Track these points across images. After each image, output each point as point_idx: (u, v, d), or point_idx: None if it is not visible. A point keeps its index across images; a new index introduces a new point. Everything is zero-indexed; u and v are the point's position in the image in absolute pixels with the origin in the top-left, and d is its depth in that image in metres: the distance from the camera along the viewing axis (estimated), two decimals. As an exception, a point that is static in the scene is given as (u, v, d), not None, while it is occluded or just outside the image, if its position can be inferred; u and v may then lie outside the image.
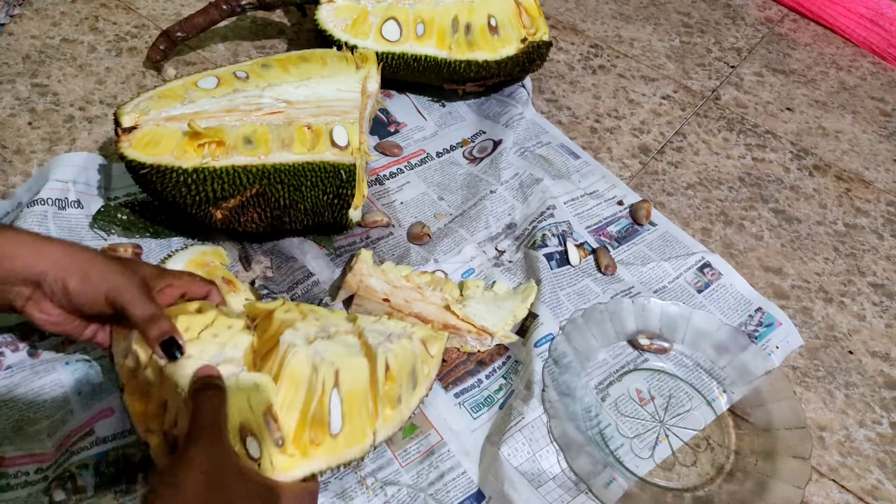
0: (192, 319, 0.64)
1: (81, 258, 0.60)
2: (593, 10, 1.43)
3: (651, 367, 0.84)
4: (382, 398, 0.67)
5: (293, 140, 0.81)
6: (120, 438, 0.69)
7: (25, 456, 0.66)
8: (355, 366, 0.65)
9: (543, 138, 1.10)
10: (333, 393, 0.63)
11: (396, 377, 0.68)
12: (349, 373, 0.64)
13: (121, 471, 0.67)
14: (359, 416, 0.65)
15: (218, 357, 0.62)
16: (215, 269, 0.81)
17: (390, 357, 0.67)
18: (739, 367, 0.82)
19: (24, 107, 1.02)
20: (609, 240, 0.97)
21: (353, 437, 0.64)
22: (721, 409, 0.81)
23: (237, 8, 1.07)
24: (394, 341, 0.69)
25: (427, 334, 0.74)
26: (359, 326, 0.70)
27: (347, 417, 0.64)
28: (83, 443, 0.67)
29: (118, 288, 0.59)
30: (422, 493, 0.70)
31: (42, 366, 0.73)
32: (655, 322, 0.85)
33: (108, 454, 0.67)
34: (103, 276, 0.60)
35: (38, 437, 0.68)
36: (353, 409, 0.64)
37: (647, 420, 0.79)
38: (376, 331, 0.70)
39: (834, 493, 0.76)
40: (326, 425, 0.62)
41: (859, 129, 1.25)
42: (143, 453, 0.68)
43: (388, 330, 0.71)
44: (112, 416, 0.69)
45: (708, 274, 0.94)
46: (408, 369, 0.70)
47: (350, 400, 0.64)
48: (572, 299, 0.88)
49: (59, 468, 0.66)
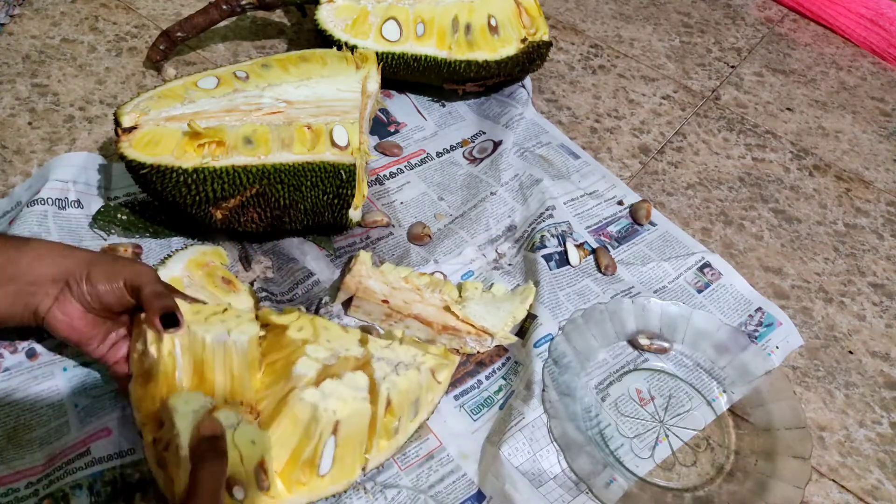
0: (201, 307, 0.67)
1: (103, 258, 0.66)
2: (593, 10, 1.43)
3: (651, 367, 0.84)
4: (379, 432, 0.67)
5: (293, 140, 0.81)
6: (116, 459, 0.67)
7: (14, 474, 0.65)
8: (357, 413, 0.65)
9: (543, 138, 1.10)
10: (329, 440, 0.63)
11: (397, 411, 0.68)
12: (350, 421, 0.64)
13: (117, 490, 0.66)
14: (351, 456, 0.66)
15: (222, 337, 0.63)
16: (215, 269, 0.81)
17: (393, 392, 0.67)
18: (739, 367, 0.82)
19: (24, 107, 1.02)
20: (609, 240, 0.97)
21: (340, 475, 0.65)
22: (721, 409, 0.81)
23: (237, 8, 1.07)
24: (401, 373, 0.69)
25: (437, 363, 0.73)
26: (369, 353, 0.69)
27: (339, 459, 0.64)
28: (78, 462, 0.66)
29: (137, 272, 0.64)
30: (422, 494, 0.70)
31: (40, 370, 0.73)
32: (655, 322, 0.85)
33: (104, 474, 0.66)
34: (125, 266, 0.65)
35: (30, 447, 0.67)
36: (346, 451, 0.65)
37: (647, 420, 0.79)
38: (385, 359, 0.70)
39: (834, 493, 0.76)
40: (316, 467, 0.63)
41: (859, 129, 1.25)
42: (140, 473, 0.67)
43: (397, 358, 0.70)
44: (109, 436, 0.68)
45: (708, 274, 0.94)
46: (411, 400, 0.70)
47: (345, 444, 0.65)
48: (572, 299, 0.88)
49: (50, 485, 0.65)
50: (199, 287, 0.78)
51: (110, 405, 0.71)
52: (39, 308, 0.64)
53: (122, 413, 0.70)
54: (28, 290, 0.63)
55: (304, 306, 0.83)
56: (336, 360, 0.67)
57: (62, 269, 0.63)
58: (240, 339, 0.64)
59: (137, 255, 0.84)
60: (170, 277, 0.78)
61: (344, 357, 0.68)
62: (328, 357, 0.67)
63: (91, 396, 0.72)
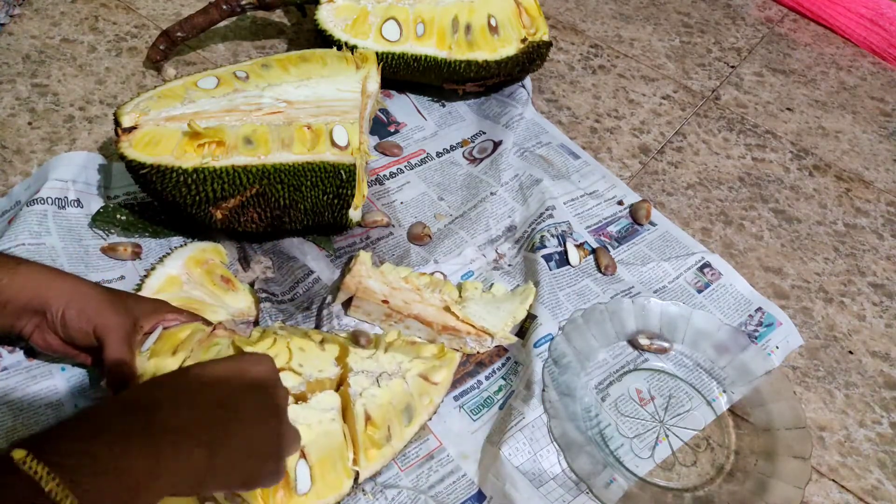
0: (184, 331, 0.69)
1: (84, 293, 0.66)
2: (593, 10, 1.43)
3: (651, 367, 0.84)
4: (364, 444, 0.68)
5: (293, 140, 0.81)
6: None
7: None
8: (324, 434, 0.66)
9: (543, 138, 1.10)
10: (300, 463, 0.64)
11: (380, 422, 0.69)
12: (318, 443, 0.65)
13: None
14: (332, 472, 0.66)
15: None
16: (214, 267, 0.81)
17: (371, 406, 0.68)
18: (739, 368, 0.82)
19: (24, 107, 1.02)
20: (609, 240, 0.97)
21: (325, 490, 0.66)
22: (721, 410, 0.81)
23: (237, 8, 1.07)
24: (382, 384, 0.70)
25: (428, 366, 0.74)
26: (347, 368, 0.70)
27: (318, 477, 0.65)
28: None
29: (106, 326, 0.65)
30: (422, 495, 0.70)
31: (38, 369, 0.73)
32: (655, 322, 0.85)
33: None
34: (98, 312, 0.65)
35: None
36: (325, 470, 0.66)
37: (647, 420, 0.79)
38: (365, 371, 0.70)
39: (834, 493, 0.76)
40: (293, 489, 0.64)
41: (859, 129, 1.25)
42: None
43: (380, 368, 0.71)
44: None
45: (708, 274, 0.94)
46: (399, 408, 0.71)
47: (320, 464, 0.65)
48: (572, 299, 0.88)
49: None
50: (197, 284, 0.79)
51: None
52: (23, 332, 0.68)
53: None
54: (15, 314, 0.66)
55: (305, 305, 0.83)
56: (305, 385, 0.68)
57: (42, 302, 0.65)
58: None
59: (137, 255, 0.84)
60: (168, 275, 0.78)
61: (316, 381, 0.69)
62: (297, 385, 0.68)
63: (91, 399, 0.72)
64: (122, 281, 0.82)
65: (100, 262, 0.83)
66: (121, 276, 0.82)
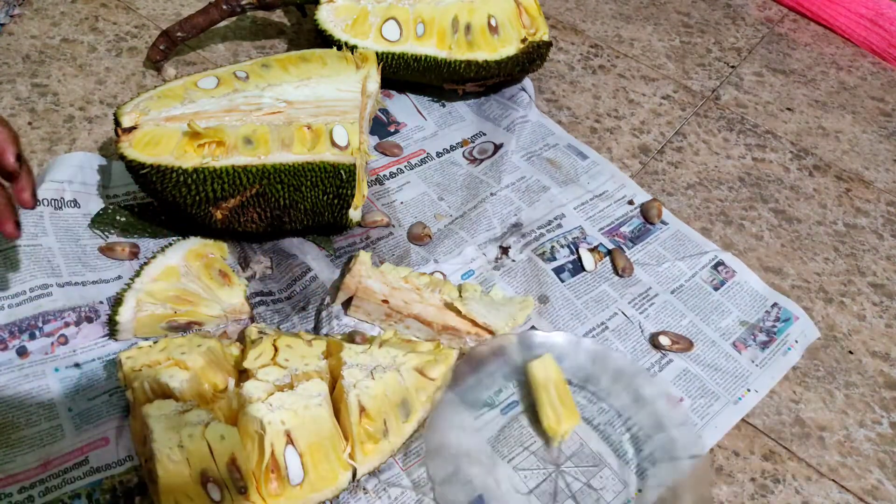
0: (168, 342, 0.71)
1: None
2: (593, 10, 1.43)
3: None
4: (360, 437, 0.68)
5: (293, 140, 0.81)
6: (115, 467, 0.68)
7: (6, 478, 0.65)
8: (311, 420, 0.66)
9: (550, 140, 1.10)
10: (289, 449, 0.64)
11: (375, 416, 0.69)
12: (304, 429, 0.65)
13: (117, 497, 0.66)
14: (326, 462, 0.66)
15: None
16: (213, 261, 0.82)
17: (365, 397, 0.68)
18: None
19: (24, 107, 1.02)
20: (623, 240, 0.97)
21: (320, 482, 0.66)
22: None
23: (237, 8, 1.07)
24: (377, 377, 0.70)
25: (424, 361, 0.74)
26: (339, 360, 0.70)
27: (311, 467, 0.65)
28: (76, 472, 0.67)
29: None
30: (425, 496, 0.70)
31: (31, 368, 0.73)
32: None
33: (102, 482, 0.67)
34: None
35: (20, 446, 0.67)
36: (317, 459, 0.66)
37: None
38: (359, 365, 0.70)
39: (834, 493, 0.76)
40: (285, 479, 0.64)
41: (859, 129, 1.25)
42: (139, 477, 0.68)
43: (374, 362, 0.71)
44: (107, 445, 0.69)
45: (722, 272, 0.94)
46: (396, 402, 0.71)
47: (312, 452, 0.65)
48: (590, 307, 0.88)
49: (47, 493, 0.65)
50: (194, 277, 0.80)
51: (107, 412, 0.71)
52: None
53: (119, 422, 0.70)
54: None
55: (301, 305, 0.83)
56: (290, 377, 0.69)
57: None
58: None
59: (135, 255, 0.84)
60: (167, 265, 0.79)
61: (303, 373, 0.69)
62: (281, 377, 0.68)
63: (86, 399, 0.72)
64: (120, 281, 0.82)
65: (97, 261, 0.83)
66: (118, 275, 0.82)
